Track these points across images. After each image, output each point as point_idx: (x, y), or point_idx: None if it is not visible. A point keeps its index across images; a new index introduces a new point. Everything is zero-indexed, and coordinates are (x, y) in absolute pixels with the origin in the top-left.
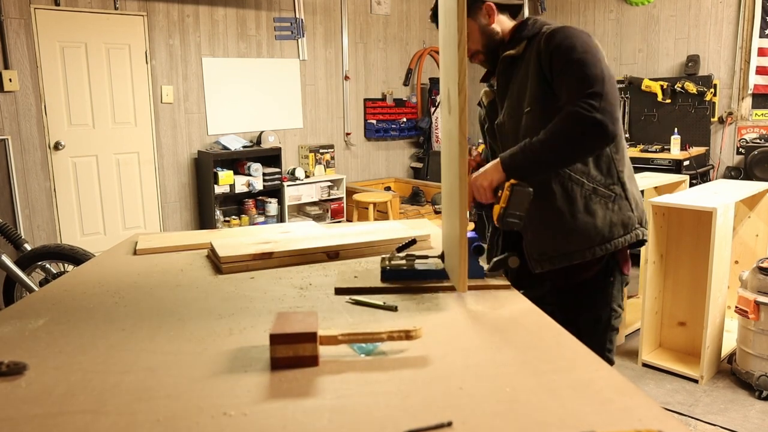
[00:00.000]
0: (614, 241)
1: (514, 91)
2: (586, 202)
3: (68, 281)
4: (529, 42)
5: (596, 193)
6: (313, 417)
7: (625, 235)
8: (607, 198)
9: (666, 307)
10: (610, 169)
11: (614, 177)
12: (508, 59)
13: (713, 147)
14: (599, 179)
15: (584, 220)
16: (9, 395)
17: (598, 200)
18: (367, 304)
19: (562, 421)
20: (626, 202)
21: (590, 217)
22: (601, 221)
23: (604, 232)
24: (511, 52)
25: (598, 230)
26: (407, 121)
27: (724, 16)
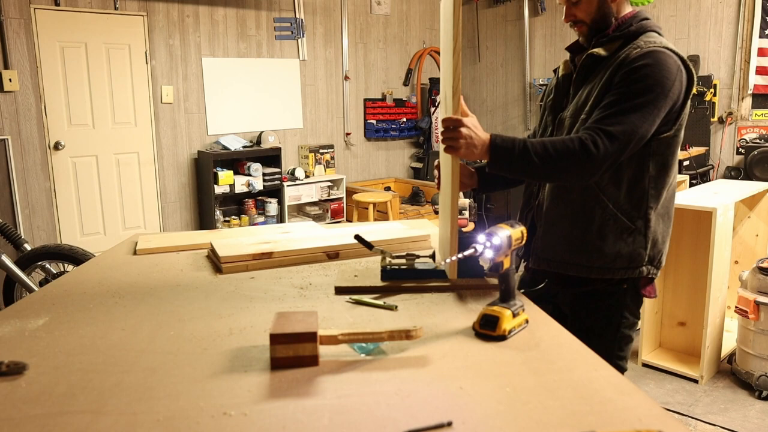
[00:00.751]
0: (614, 271)
1: (585, 90)
2: (601, 224)
3: (68, 281)
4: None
5: (615, 220)
6: (313, 417)
7: (628, 269)
8: (624, 229)
9: (666, 307)
10: (641, 203)
11: (641, 211)
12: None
13: (713, 147)
14: (626, 208)
15: (592, 241)
16: (9, 395)
17: (614, 228)
18: (367, 304)
19: (562, 421)
20: (642, 239)
21: (599, 241)
22: (609, 248)
23: (608, 260)
24: (600, 52)
25: (602, 255)
26: (407, 121)
27: (724, 16)
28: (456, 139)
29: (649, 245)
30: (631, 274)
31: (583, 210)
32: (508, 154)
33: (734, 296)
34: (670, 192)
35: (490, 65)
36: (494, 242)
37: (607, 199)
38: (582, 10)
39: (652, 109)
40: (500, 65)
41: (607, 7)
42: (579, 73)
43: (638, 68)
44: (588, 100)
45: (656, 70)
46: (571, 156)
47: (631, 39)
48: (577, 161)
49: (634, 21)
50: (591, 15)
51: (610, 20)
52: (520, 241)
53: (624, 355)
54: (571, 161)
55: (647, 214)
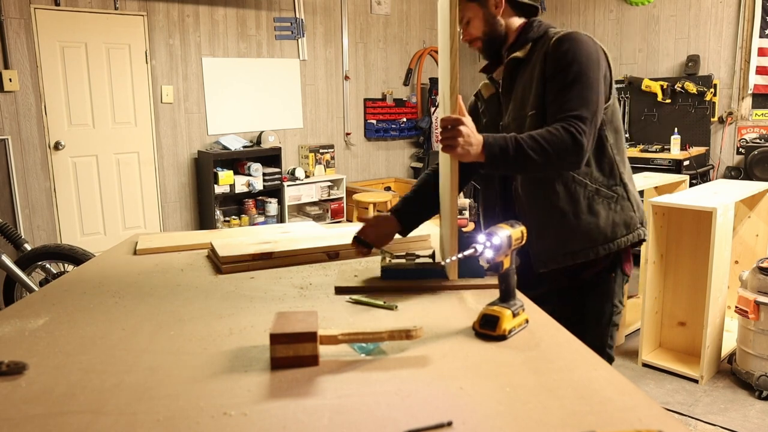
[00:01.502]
0: (617, 241)
1: (518, 93)
2: (589, 202)
3: (68, 281)
4: (534, 44)
5: (599, 194)
6: (314, 417)
7: (628, 234)
8: (609, 199)
9: (666, 307)
10: (613, 171)
11: (616, 178)
12: (514, 61)
13: (713, 147)
14: (602, 180)
15: (587, 220)
16: (9, 395)
17: (600, 201)
18: (367, 304)
19: (562, 421)
20: (628, 203)
21: (593, 218)
22: (603, 221)
23: (607, 232)
24: (518, 55)
25: (601, 230)
26: (407, 121)
27: (724, 16)
28: (454, 138)
29: (635, 206)
30: (632, 238)
31: (566, 196)
32: (503, 152)
33: (734, 296)
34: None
35: None
36: (494, 242)
37: (583, 177)
38: (475, 27)
39: (596, 81)
40: None
41: (493, 20)
42: (504, 81)
43: (566, 51)
44: (526, 98)
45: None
46: (563, 146)
47: (538, 39)
48: (569, 149)
49: (533, 25)
50: (482, 29)
51: (501, 30)
52: (521, 240)
53: (613, 344)
54: (564, 151)
55: (622, 179)
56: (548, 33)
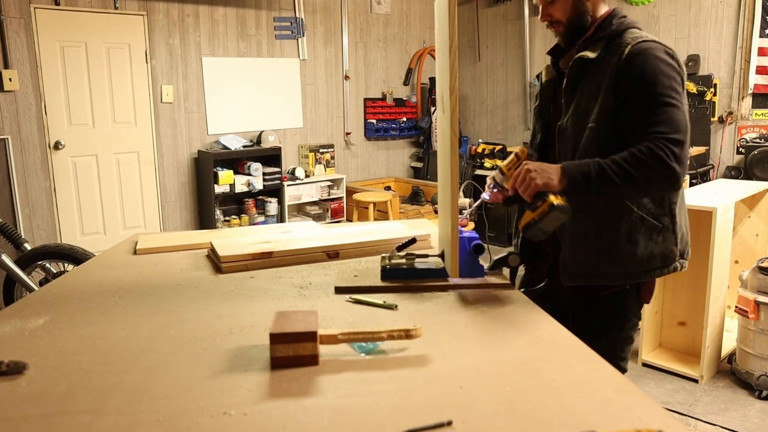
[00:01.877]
0: (651, 273)
1: (583, 97)
2: (630, 229)
3: (68, 281)
4: (607, 44)
5: (643, 222)
6: (313, 416)
7: (663, 268)
8: (653, 229)
9: (666, 307)
10: (663, 200)
11: (666, 208)
12: (583, 61)
13: (713, 147)
14: (650, 209)
15: (624, 248)
16: (9, 395)
17: (643, 230)
18: (367, 303)
19: (562, 420)
20: (672, 235)
21: (631, 246)
22: (641, 251)
23: (642, 263)
24: (589, 55)
25: (636, 260)
26: (407, 120)
27: (724, 16)
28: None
29: (678, 239)
30: (667, 272)
31: (608, 218)
32: (585, 178)
33: (734, 296)
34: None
35: (490, 65)
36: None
37: (632, 203)
38: (558, 9)
39: (680, 99)
40: (500, 65)
41: (582, 6)
42: (569, 79)
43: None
44: (590, 107)
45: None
46: (650, 171)
47: (613, 38)
48: (659, 176)
49: (614, 20)
50: (567, 14)
51: (586, 19)
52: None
53: (625, 356)
54: (653, 177)
55: (672, 209)
56: (624, 37)
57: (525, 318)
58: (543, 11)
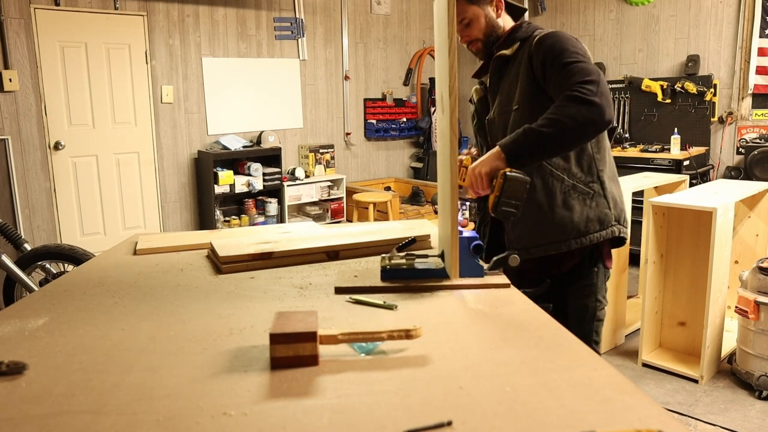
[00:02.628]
0: (589, 236)
1: (504, 89)
2: (564, 197)
3: (68, 281)
4: (521, 44)
5: (575, 189)
6: (313, 417)
7: (601, 230)
8: (585, 195)
9: (666, 307)
10: (591, 168)
11: (594, 175)
12: (502, 59)
13: (713, 147)
14: (579, 176)
15: (562, 214)
16: (9, 395)
17: (576, 196)
18: (367, 304)
19: (562, 420)
20: (604, 200)
21: (567, 212)
22: (577, 216)
23: (580, 227)
24: (505, 52)
25: (574, 224)
26: (407, 121)
27: (724, 16)
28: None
29: (611, 205)
30: (606, 234)
31: (543, 190)
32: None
33: (734, 296)
34: (610, 155)
35: None
36: None
37: (561, 173)
38: (475, 29)
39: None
40: None
41: (494, 22)
42: (491, 77)
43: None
44: (512, 94)
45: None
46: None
47: (526, 39)
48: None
49: (523, 26)
50: (482, 31)
51: (498, 32)
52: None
53: (598, 339)
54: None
55: (600, 176)
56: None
57: (525, 318)
58: (461, 34)
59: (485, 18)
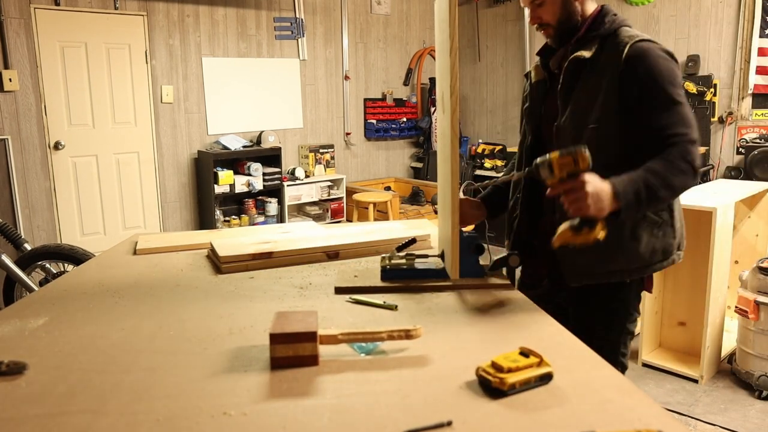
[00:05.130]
0: (653, 267)
1: (581, 97)
2: (633, 227)
3: (68, 281)
4: (602, 43)
5: (645, 218)
6: (313, 416)
7: (663, 261)
8: (654, 224)
9: (666, 307)
10: None
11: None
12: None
13: (713, 147)
14: None
15: (628, 245)
16: (9, 395)
17: (645, 226)
18: (367, 304)
19: (562, 420)
20: (671, 229)
21: (635, 243)
22: (644, 247)
23: (645, 258)
24: (584, 54)
25: (639, 256)
26: (407, 120)
27: (724, 16)
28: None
29: (676, 232)
30: (666, 264)
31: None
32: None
33: (734, 296)
34: None
35: (490, 65)
36: None
37: None
38: (547, 11)
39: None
40: (500, 65)
41: (571, 6)
42: (565, 79)
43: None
44: (589, 107)
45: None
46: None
47: (607, 36)
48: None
49: (606, 18)
50: (556, 15)
51: (576, 19)
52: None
53: (627, 351)
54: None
55: (670, 204)
56: (619, 35)
57: (525, 318)
58: (532, 14)
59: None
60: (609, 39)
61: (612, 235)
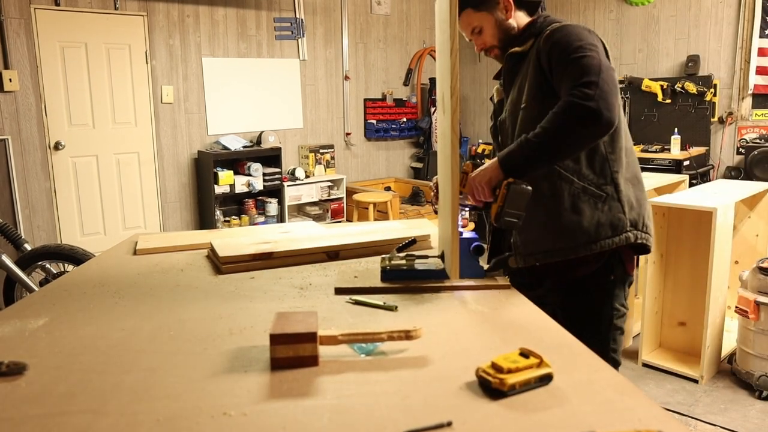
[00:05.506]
0: (600, 242)
1: (516, 88)
2: (573, 200)
3: (68, 281)
4: (535, 39)
5: (585, 192)
6: (313, 417)
7: (614, 236)
8: (596, 198)
9: (666, 307)
10: (604, 169)
11: (607, 177)
12: (515, 57)
13: (713, 147)
14: (591, 178)
15: (570, 218)
16: (9, 395)
17: (586, 199)
18: (367, 304)
19: (562, 421)
20: (618, 204)
21: (576, 216)
22: (587, 221)
23: (590, 232)
24: (517, 49)
25: (583, 230)
26: (407, 121)
27: (724, 16)
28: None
29: (626, 208)
30: (619, 241)
31: (551, 193)
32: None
33: (734, 296)
34: (631, 156)
35: (490, 65)
36: None
37: (571, 174)
38: (487, 35)
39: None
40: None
41: (506, 24)
42: (505, 77)
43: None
44: (521, 92)
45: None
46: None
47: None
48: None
49: (538, 20)
50: (495, 37)
51: (514, 33)
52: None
53: (617, 348)
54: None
55: (614, 178)
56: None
57: (525, 318)
58: (476, 42)
59: (495, 22)
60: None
61: (552, 211)
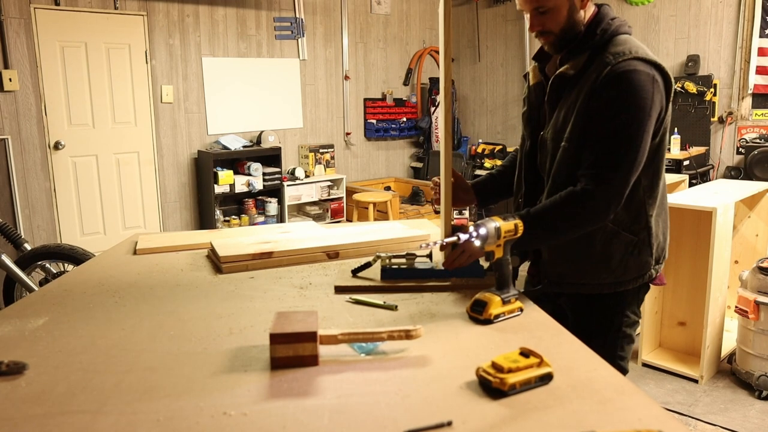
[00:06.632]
0: (625, 283)
1: (561, 113)
2: (604, 244)
3: (68, 281)
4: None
5: (618, 236)
6: (313, 417)
7: (638, 278)
8: (628, 243)
9: (666, 307)
10: (640, 214)
11: (642, 222)
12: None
13: (713, 147)
14: (625, 223)
15: (599, 260)
16: (9, 395)
17: (618, 243)
18: (367, 304)
19: (562, 421)
20: (647, 247)
21: (605, 259)
22: (615, 264)
23: (617, 275)
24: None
25: (610, 272)
26: (407, 120)
27: (724, 16)
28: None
29: (654, 249)
30: (642, 281)
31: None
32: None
33: (734, 296)
34: (662, 190)
35: (490, 65)
36: (481, 232)
37: None
38: (551, 19)
39: (641, 134)
40: (500, 65)
41: (576, 15)
42: (550, 93)
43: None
44: (566, 124)
45: (633, 94)
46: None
47: (598, 50)
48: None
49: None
50: (560, 25)
51: (580, 28)
52: (513, 233)
53: (625, 355)
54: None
55: (648, 222)
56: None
57: (525, 318)
58: (533, 21)
59: (568, 10)
60: (599, 51)
61: (582, 252)
